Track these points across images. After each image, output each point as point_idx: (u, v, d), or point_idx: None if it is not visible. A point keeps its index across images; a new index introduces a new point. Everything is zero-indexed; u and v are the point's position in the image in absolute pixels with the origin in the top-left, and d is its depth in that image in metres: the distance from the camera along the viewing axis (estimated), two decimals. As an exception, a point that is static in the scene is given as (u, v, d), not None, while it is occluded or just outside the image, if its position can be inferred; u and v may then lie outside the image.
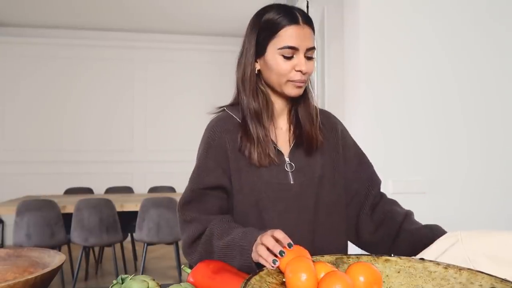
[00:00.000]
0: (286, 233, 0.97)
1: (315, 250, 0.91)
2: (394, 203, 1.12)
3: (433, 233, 0.98)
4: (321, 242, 1.02)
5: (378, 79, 2.28)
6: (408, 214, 1.07)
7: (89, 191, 4.61)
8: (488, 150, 2.36)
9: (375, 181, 1.13)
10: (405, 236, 1.02)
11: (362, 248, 1.14)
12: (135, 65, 5.66)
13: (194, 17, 5.03)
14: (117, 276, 1.54)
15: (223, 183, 1.01)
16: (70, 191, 4.53)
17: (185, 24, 5.30)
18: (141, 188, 5.36)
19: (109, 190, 4.61)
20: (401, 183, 2.23)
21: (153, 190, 4.71)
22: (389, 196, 1.17)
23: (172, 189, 4.69)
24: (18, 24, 5.28)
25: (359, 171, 1.12)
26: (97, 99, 5.54)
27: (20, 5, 4.64)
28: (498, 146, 2.37)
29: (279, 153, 1.02)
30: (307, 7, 3.47)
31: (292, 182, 1.01)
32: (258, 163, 0.98)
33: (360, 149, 1.16)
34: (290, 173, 1.01)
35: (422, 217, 1.12)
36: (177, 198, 3.58)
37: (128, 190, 4.70)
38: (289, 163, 1.02)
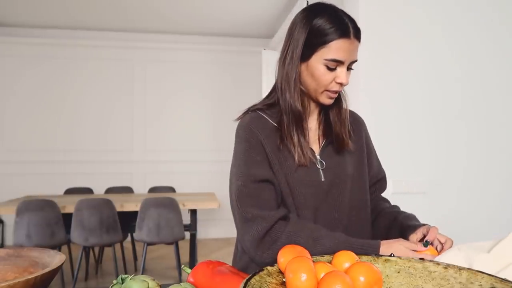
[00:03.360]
0: None
1: None
2: (384, 200, 1.21)
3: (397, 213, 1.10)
4: None
5: (377, 79, 2.28)
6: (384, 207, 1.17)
7: (89, 191, 4.60)
8: (488, 150, 2.37)
9: (384, 184, 1.20)
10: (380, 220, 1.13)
11: None
12: (135, 65, 5.66)
13: (193, 17, 5.03)
14: (117, 276, 1.54)
15: (270, 176, 1.02)
16: (70, 191, 4.52)
17: (184, 24, 5.30)
18: (141, 188, 5.36)
19: (109, 190, 4.61)
20: (401, 183, 2.23)
21: (153, 190, 4.71)
22: (389, 196, 1.20)
23: (172, 189, 4.69)
24: (16, 24, 5.29)
25: (378, 173, 1.18)
26: (96, 99, 5.54)
27: (18, 5, 4.64)
28: (497, 146, 2.37)
29: (311, 151, 1.05)
30: (307, 7, 3.47)
31: (323, 180, 1.04)
32: (298, 163, 1.01)
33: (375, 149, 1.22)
34: (321, 171, 1.04)
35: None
36: (177, 198, 3.59)
37: (128, 190, 4.70)
38: (320, 161, 1.05)
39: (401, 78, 2.30)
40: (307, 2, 3.48)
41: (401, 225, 1.04)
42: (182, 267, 0.85)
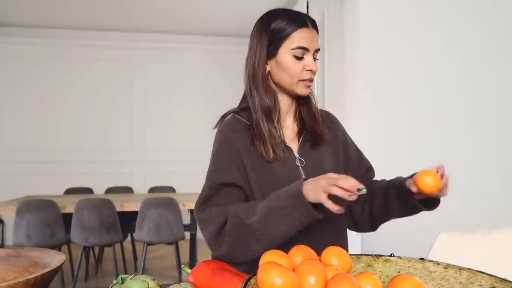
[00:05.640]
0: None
1: (319, 246, 0.89)
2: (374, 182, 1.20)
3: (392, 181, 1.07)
4: (323, 238, 1.04)
5: (377, 78, 2.28)
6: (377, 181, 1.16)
7: (89, 191, 4.60)
8: (491, 150, 2.36)
9: (372, 173, 1.22)
10: (375, 194, 1.11)
11: (359, 230, 1.20)
12: (135, 65, 5.66)
13: (194, 17, 5.03)
14: (117, 276, 1.54)
15: (237, 180, 1.04)
16: (70, 191, 4.52)
17: (185, 24, 5.30)
18: (141, 188, 5.36)
19: (109, 190, 4.61)
20: (401, 183, 2.22)
21: (153, 190, 4.71)
22: None
23: (172, 189, 4.69)
24: (17, 24, 5.28)
25: (360, 166, 1.19)
26: (96, 99, 5.54)
27: (19, 5, 4.64)
28: (500, 146, 2.37)
29: (289, 149, 1.07)
30: (307, 7, 3.47)
31: (303, 177, 1.05)
32: (271, 158, 1.03)
33: (355, 144, 1.23)
34: (301, 168, 1.07)
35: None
36: (177, 198, 3.58)
37: (128, 190, 4.70)
38: (299, 159, 1.07)
39: (403, 77, 2.30)
40: (307, 2, 3.48)
41: (394, 185, 1.05)
42: (182, 267, 0.85)
